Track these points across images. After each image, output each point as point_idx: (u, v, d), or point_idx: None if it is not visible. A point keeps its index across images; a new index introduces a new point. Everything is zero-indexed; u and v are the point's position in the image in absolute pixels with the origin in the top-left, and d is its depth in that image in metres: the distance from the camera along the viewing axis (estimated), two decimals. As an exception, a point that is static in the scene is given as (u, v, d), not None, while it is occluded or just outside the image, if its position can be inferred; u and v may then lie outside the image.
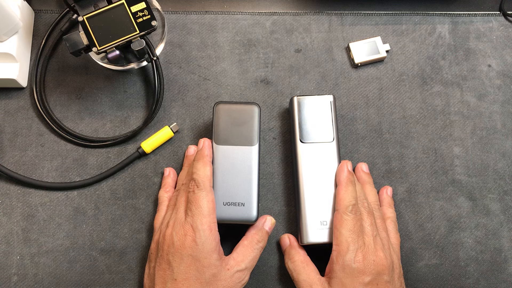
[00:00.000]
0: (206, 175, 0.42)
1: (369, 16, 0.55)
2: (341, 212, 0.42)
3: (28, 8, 0.52)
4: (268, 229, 0.44)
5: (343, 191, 0.43)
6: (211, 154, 0.44)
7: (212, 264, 0.40)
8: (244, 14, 0.54)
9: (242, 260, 0.42)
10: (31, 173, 0.49)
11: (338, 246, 0.41)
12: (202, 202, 0.41)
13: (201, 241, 0.39)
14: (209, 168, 0.43)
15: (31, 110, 0.50)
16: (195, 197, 0.41)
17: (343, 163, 0.45)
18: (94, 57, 0.49)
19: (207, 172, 0.43)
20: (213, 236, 0.40)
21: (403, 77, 0.53)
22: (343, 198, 0.43)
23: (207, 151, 0.44)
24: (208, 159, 0.43)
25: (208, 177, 0.42)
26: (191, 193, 0.42)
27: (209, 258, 0.40)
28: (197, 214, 0.40)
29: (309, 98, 0.48)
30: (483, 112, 0.52)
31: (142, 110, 0.51)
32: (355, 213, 0.42)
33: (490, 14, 0.55)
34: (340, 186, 0.44)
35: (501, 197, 0.49)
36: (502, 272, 0.47)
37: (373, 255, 0.40)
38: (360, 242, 0.41)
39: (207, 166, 0.43)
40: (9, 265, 0.46)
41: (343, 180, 0.44)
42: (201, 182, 0.42)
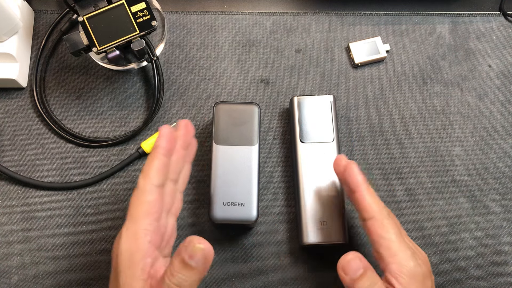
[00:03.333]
0: (147, 171, 0.34)
1: (369, 16, 0.55)
2: (379, 219, 0.36)
3: (28, 8, 0.52)
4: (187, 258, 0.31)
5: (369, 196, 0.37)
6: (166, 146, 0.35)
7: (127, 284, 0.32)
8: (244, 14, 0.54)
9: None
10: (31, 173, 0.49)
11: (395, 256, 0.35)
12: (134, 203, 0.34)
13: (120, 251, 0.33)
14: (157, 161, 0.34)
15: (31, 110, 0.50)
16: (132, 197, 0.34)
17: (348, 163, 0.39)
18: (94, 57, 0.49)
19: (151, 167, 0.34)
20: (136, 246, 0.32)
21: (403, 77, 0.53)
22: (374, 202, 0.37)
23: (161, 142, 0.35)
24: (159, 150, 0.34)
25: (150, 172, 0.34)
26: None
27: (125, 275, 0.32)
28: (127, 218, 0.34)
29: (309, 98, 0.48)
30: (483, 112, 0.52)
31: (142, 110, 0.51)
32: (390, 215, 0.37)
33: (490, 14, 0.55)
34: (361, 190, 0.37)
35: (501, 197, 0.49)
36: (502, 272, 0.47)
37: (421, 254, 0.38)
38: (408, 245, 0.36)
39: (154, 159, 0.34)
40: (9, 265, 0.46)
41: (363, 182, 0.38)
42: (140, 179, 0.34)
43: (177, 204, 0.38)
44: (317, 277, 0.46)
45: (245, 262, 0.46)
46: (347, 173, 0.38)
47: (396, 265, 0.35)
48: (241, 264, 0.46)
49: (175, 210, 0.38)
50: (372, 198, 0.37)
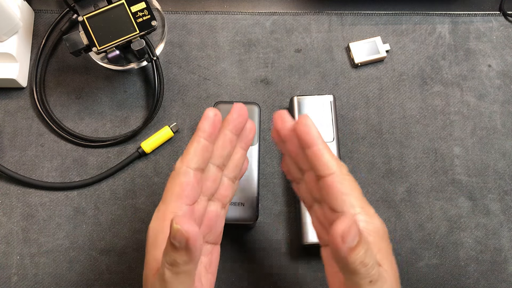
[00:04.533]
0: (185, 154, 0.33)
1: (369, 16, 0.55)
2: (341, 175, 0.32)
3: (28, 8, 0.52)
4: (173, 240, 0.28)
5: (328, 151, 0.33)
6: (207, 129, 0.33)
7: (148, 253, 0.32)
8: (244, 14, 0.54)
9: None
10: (31, 173, 0.49)
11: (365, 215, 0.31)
12: (168, 186, 0.33)
13: (149, 228, 0.33)
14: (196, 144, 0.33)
15: (31, 110, 0.50)
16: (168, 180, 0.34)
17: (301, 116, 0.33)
18: (94, 57, 0.49)
19: (189, 150, 0.33)
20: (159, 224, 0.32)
21: (403, 77, 0.53)
22: (333, 157, 0.33)
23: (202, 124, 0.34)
24: (199, 133, 0.33)
25: (187, 155, 0.33)
26: None
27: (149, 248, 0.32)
28: (161, 200, 0.33)
29: (309, 98, 0.48)
30: (483, 112, 0.52)
31: (142, 110, 0.51)
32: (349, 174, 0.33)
33: (490, 14, 0.55)
34: (318, 144, 0.33)
35: (501, 197, 0.49)
36: (502, 272, 0.47)
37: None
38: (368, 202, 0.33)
39: (193, 142, 0.33)
40: (9, 265, 0.46)
41: (320, 137, 0.33)
42: (177, 162, 0.33)
43: (224, 192, 0.37)
44: (317, 277, 0.46)
45: (245, 262, 0.46)
46: (301, 128, 0.33)
47: (363, 223, 0.31)
48: (241, 264, 0.46)
49: (221, 197, 0.36)
50: (331, 154, 0.33)
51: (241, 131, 0.37)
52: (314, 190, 0.35)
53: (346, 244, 0.28)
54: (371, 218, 0.32)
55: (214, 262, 0.36)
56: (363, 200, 0.32)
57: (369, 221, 0.31)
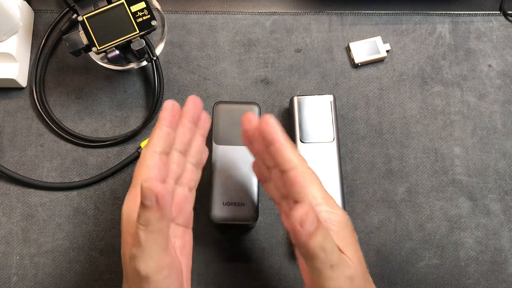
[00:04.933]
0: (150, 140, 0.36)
1: (369, 16, 0.55)
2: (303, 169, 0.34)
3: (28, 8, 0.52)
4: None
5: (291, 147, 0.35)
6: (167, 117, 0.36)
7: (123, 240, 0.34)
8: (244, 14, 0.54)
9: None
10: (31, 173, 0.49)
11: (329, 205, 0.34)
12: (136, 171, 0.35)
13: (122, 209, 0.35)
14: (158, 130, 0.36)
15: (31, 110, 0.50)
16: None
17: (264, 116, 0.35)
18: (94, 57, 0.49)
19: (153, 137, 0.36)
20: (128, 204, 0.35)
21: (403, 77, 0.53)
22: (295, 153, 0.34)
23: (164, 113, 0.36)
24: (161, 122, 0.36)
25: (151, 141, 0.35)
26: None
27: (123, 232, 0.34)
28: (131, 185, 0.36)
29: (309, 98, 0.48)
30: (483, 112, 0.52)
31: (142, 110, 0.51)
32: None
33: (491, 14, 0.55)
34: (281, 141, 0.34)
35: (502, 197, 0.49)
36: (503, 272, 0.47)
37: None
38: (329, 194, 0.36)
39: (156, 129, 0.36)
40: (9, 265, 0.46)
41: (282, 134, 0.35)
42: (143, 149, 0.36)
43: (189, 175, 0.39)
44: (317, 277, 0.46)
45: (245, 262, 0.46)
46: (264, 126, 0.34)
47: (326, 213, 0.33)
48: (241, 264, 0.46)
49: (187, 181, 0.39)
50: (293, 150, 0.34)
51: (198, 121, 0.40)
52: (280, 186, 0.36)
53: (305, 229, 0.29)
54: (333, 208, 0.33)
55: (188, 245, 0.37)
56: (325, 191, 0.34)
57: (331, 211, 0.33)
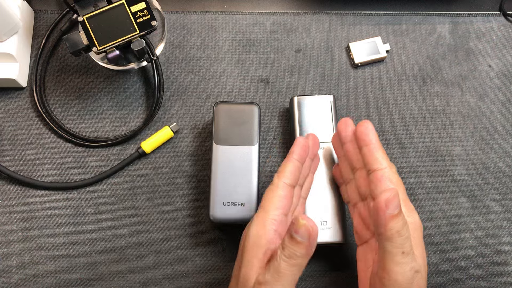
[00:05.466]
0: (282, 171, 0.39)
1: (369, 16, 0.55)
2: (392, 172, 0.38)
3: (28, 8, 0.52)
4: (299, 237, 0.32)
5: (382, 150, 0.39)
6: (300, 152, 0.39)
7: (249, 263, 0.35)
8: (244, 14, 0.54)
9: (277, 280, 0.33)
10: (31, 173, 0.49)
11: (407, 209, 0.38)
12: (268, 196, 0.38)
13: (249, 233, 0.36)
14: (290, 164, 0.39)
15: (31, 110, 0.50)
16: (266, 192, 0.39)
17: (363, 121, 0.40)
18: (94, 57, 0.49)
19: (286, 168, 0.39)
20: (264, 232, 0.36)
21: (403, 77, 0.53)
22: (386, 157, 0.39)
23: (295, 148, 0.40)
24: (292, 156, 0.39)
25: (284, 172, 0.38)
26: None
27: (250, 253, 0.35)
28: (260, 208, 0.38)
29: (309, 98, 0.48)
30: (483, 112, 0.52)
31: (142, 110, 0.51)
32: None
33: (490, 14, 0.55)
34: (374, 143, 0.39)
35: (501, 197, 0.49)
36: (502, 272, 0.47)
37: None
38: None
39: (288, 162, 0.39)
40: (9, 265, 0.46)
41: (376, 137, 0.40)
42: (275, 177, 0.39)
43: (300, 208, 0.42)
44: (317, 277, 0.46)
45: (245, 262, 0.46)
46: (362, 129, 0.39)
47: (414, 225, 0.37)
48: (241, 264, 0.46)
49: (297, 213, 0.42)
50: (385, 154, 0.39)
51: (314, 157, 0.43)
52: (361, 186, 0.40)
53: (389, 210, 0.32)
54: (410, 213, 0.37)
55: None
56: (406, 197, 0.38)
57: (408, 215, 0.37)
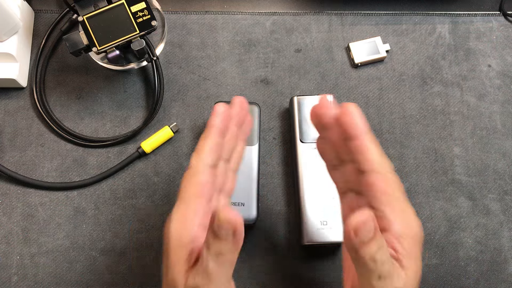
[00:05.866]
0: (200, 150, 0.33)
1: (369, 16, 0.55)
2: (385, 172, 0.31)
3: (28, 8, 0.52)
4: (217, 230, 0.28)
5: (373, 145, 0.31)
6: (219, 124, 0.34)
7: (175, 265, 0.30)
8: (244, 14, 0.54)
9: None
10: (31, 173, 0.49)
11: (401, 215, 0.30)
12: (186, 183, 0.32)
13: (169, 232, 0.31)
14: (209, 140, 0.33)
15: (31, 110, 0.50)
16: (183, 177, 0.33)
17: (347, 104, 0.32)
18: (94, 57, 0.49)
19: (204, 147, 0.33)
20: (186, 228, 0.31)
21: (403, 77, 0.53)
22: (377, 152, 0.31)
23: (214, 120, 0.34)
24: (212, 130, 0.33)
25: (203, 152, 0.33)
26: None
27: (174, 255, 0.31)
28: (178, 199, 0.32)
29: (309, 98, 0.48)
30: (483, 112, 0.52)
31: (142, 110, 0.51)
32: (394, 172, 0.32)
33: (490, 14, 0.55)
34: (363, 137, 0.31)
35: (501, 197, 0.49)
36: (502, 272, 0.47)
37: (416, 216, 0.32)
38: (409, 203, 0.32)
39: (207, 139, 0.33)
40: (9, 265, 0.46)
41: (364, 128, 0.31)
42: (192, 159, 0.33)
43: (229, 184, 0.36)
44: (317, 277, 0.46)
45: (245, 262, 0.46)
46: (345, 117, 0.31)
47: (400, 226, 0.30)
48: (241, 264, 0.46)
49: (227, 190, 0.36)
50: (376, 148, 0.31)
51: (243, 124, 0.37)
52: (352, 182, 0.33)
53: (358, 238, 0.27)
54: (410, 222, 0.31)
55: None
56: (405, 202, 0.31)
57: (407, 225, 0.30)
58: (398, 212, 0.30)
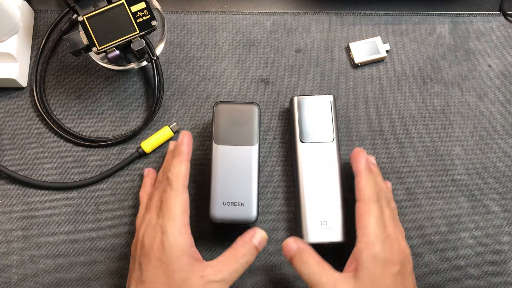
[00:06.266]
0: (180, 174, 0.40)
1: (369, 16, 0.55)
2: (365, 201, 0.40)
3: (28, 8, 0.52)
4: (257, 243, 0.40)
5: (365, 180, 0.42)
6: (189, 152, 0.42)
7: (182, 269, 0.37)
8: (244, 14, 0.54)
9: (220, 270, 0.38)
10: (31, 173, 0.49)
11: (365, 236, 0.39)
12: (173, 202, 0.39)
13: (169, 244, 0.37)
14: (185, 166, 0.41)
15: (31, 110, 0.50)
16: (166, 197, 0.40)
17: (359, 151, 0.44)
18: (94, 57, 0.49)
19: (182, 171, 0.40)
20: (182, 239, 0.38)
21: (403, 77, 0.53)
22: (366, 186, 0.41)
23: (185, 148, 0.42)
24: (185, 157, 0.41)
25: (182, 175, 0.40)
26: (163, 193, 0.40)
27: (178, 262, 0.37)
28: (167, 215, 0.39)
29: (309, 98, 0.48)
30: (483, 112, 0.52)
31: (142, 110, 0.51)
32: (379, 202, 0.41)
33: (490, 14, 0.55)
34: (360, 175, 0.42)
35: (501, 197, 0.49)
36: (502, 272, 0.47)
37: (398, 244, 0.39)
38: (386, 231, 0.39)
39: (183, 164, 0.41)
40: (9, 265, 0.46)
41: (364, 168, 0.42)
42: (174, 181, 0.40)
43: None
44: (317, 277, 0.46)
45: (245, 262, 0.46)
46: (354, 159, 0.44)
47: (363, 244, 0.39)
48: (241, 264, 0.46)
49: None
50: (367, 183, 0.41)
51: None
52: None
53: (286, 254, 0.41)
54: (372, 243, 0.38)
55: None
56: (380, 229, 0.39)
57: (367, 244, 0.38)
58: (364, 233, 0.39)
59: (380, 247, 0.38)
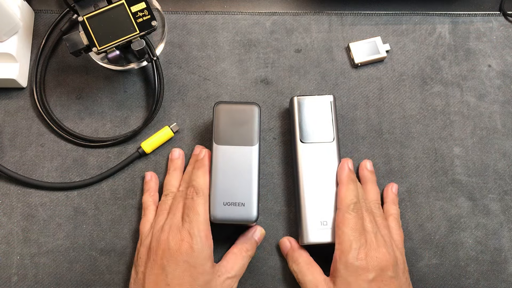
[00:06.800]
0: (205, 184, 0.43)
1: (369, 16, 0.55)
2: (343, 210, 0.43)
3: (28, 8, 0.52)
4: (257, 239, 0.46)
5: (344, 190, 0.44)
6: (209, 164, 0.45)
7: (206, 271, 0.40)
8: (244, 14, 0.54)
9: (232, 267, 0.43)
10: (31, 173, 0.49)
11: (340, 244, 0.41)
12: (200, 209, 0.42)
13: (197, 247, 0.40)
14: (208, 177, 0.44)
15: (31, 110, 0.50)
16: (193, 203, 0.42)
17: (344, 161, 0.46)
18: (94, 57, 0.49)
19: (206, 181, 0.44)
20: (208, 244, 0.41)
21: (403, 77, 0.53)
22: (345, 196, 0.43)
23: (207, 161, 0.45)
24: (207, 168, 0.44)
25: (206, 185, 0.43)
26: (189, 200, 0.42)
27: (204, 265, 0.40)
28: (195, 221, 0.41)
29: (309, 98, 0.48)
30: (483, 112, 0.52)
31: (142, 110, 0.51)
32: (356, 211, 0.43)
33: (490, 14, 0.55)
34: (341, 185, 0.44)
35: (501, 197, 0.49)
36: (502, 272, 0.47)
37: (376, 251, 0.41)
38: (362, 240, 0.41)
39: (207, 175, 0.44)
40: (9, 265, 0.46)
41: (344, 178, 0.45)
42: (201, 190, 0.43)
43: None
44: (317, 277, 0.46)
45: (245, 262, 0.46)
46: (339, 167, 0.46)
47: (338, 252, 0.41)
48: (241, 264, 0.46)
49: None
50: (346, 193, 0.44)
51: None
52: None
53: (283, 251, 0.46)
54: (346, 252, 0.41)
55: None
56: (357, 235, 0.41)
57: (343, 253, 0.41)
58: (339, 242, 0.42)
59: (353, 256, 0.40)
